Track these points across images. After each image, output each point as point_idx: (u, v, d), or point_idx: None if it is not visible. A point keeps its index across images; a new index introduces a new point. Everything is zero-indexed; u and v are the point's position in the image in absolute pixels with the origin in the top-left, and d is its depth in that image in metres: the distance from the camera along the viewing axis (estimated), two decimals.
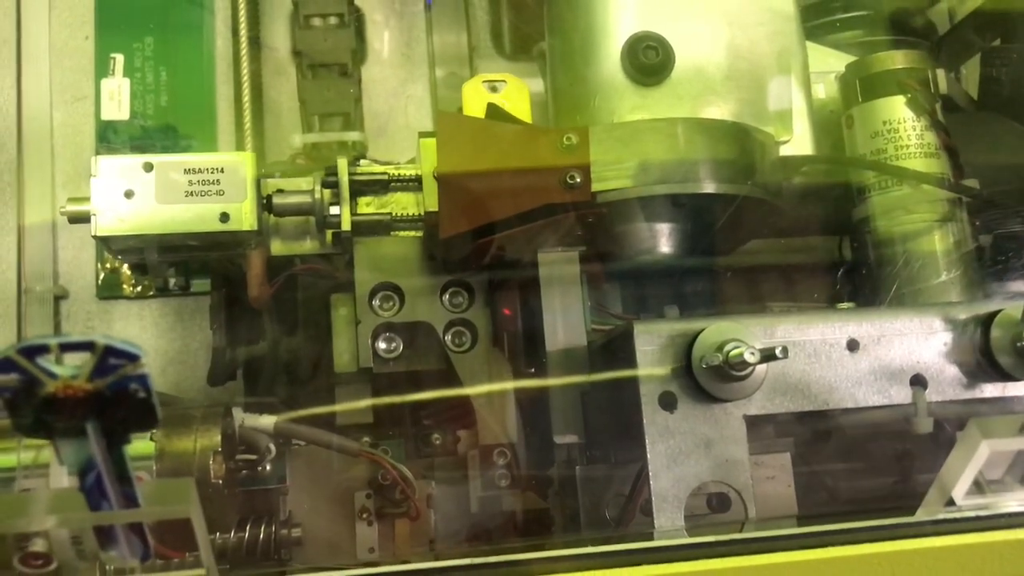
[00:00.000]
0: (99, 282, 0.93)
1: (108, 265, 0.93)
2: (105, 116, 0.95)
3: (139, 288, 0.93)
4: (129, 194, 0.70)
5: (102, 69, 0.96)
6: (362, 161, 0.76)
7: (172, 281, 0.93)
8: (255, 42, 0.95)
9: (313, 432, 0.71)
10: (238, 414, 0.68)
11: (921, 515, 0.53)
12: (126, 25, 0.98)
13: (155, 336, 0.91)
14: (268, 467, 0.70)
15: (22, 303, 0.90)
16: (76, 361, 0.37)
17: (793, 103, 0.76)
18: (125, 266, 0.93)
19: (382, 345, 0.73)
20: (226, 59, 0.97)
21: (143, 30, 0.98)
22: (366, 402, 0.77)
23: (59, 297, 0.92)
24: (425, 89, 1.01)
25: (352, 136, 0.92)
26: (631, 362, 0.60)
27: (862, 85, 0.77)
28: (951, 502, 0.51)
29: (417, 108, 1.01)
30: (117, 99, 0.96)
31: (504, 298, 0.76)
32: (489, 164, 0.69)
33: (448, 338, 0.74)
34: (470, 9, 0.99)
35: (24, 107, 0.95)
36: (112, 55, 0.97)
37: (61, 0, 0.98)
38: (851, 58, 0.81)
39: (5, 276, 0.91)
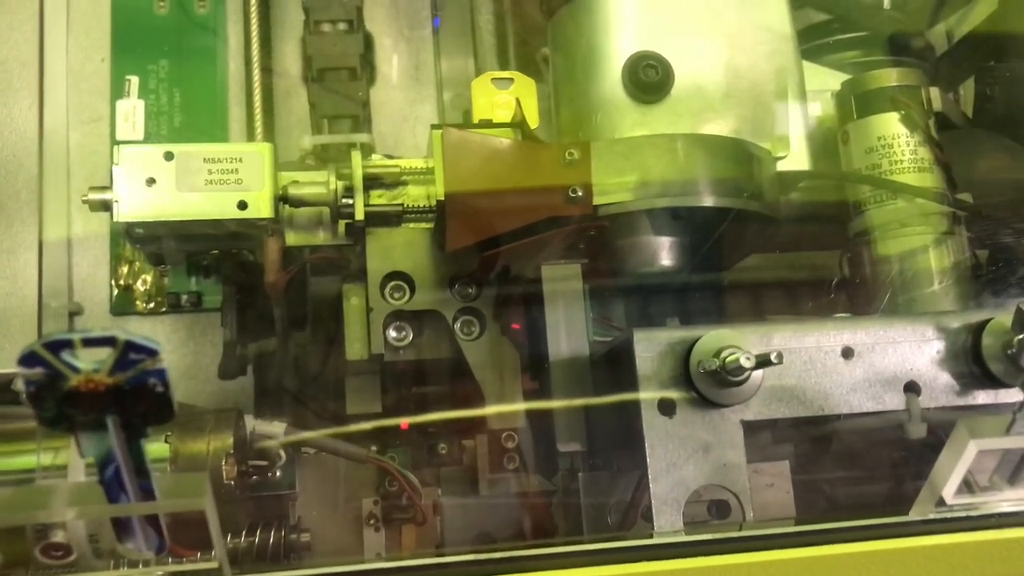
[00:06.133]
0: (113, 299, 0.95)
1: (122, 282, 0.95)
2: (120, 136, 0.97)
3: (152, 304, 0.95)
4: (150, 182, 0.71)
5: (117, 90, 0.98)
6: (374, 156, 0.78)
7: (184, 297, 0.95)
8: (267, 68, 0.97)
9: (322, 439, 0.73)
10: (249, 421, 0.70)
11: (914, 515, 0.54)
12: (141, 48, 1.00)
13: (167, 352, 0.91)
14: (278, 473, 0.72)
15: (43, 318, 0.92)
16: (98, 356, 0.39)
17: (790, 120, 0.78)
18: (138, 283, 0.95)
19: (393, 333, 0.74)
20: (238, 81, 0.99)
21: (158, 53, 1.00)
22: (384, 422, 0.79)
23: (74, 313, 0.94)
24: (433, 110, 1.03)
25: (361, 138, 0.94)
26: (631, 369, 0.62)
27: (857, 102, 0.78)
28: (942, 502, 0.53)
29: (425, 129, 1.02)
30: (132, 120, 0.98)
31: (511, 312, 0.77)
32: (493, 180, 0.71)
33: (457, 326, 0.75)
34: (476, 32, 1.01)
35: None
36: (127, 77, 0.99)
37: (78, 24, 1.00)
38: (847, 77, 0.82)
39: (22, 292, 0.93)
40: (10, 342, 0.92)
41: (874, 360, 0.63)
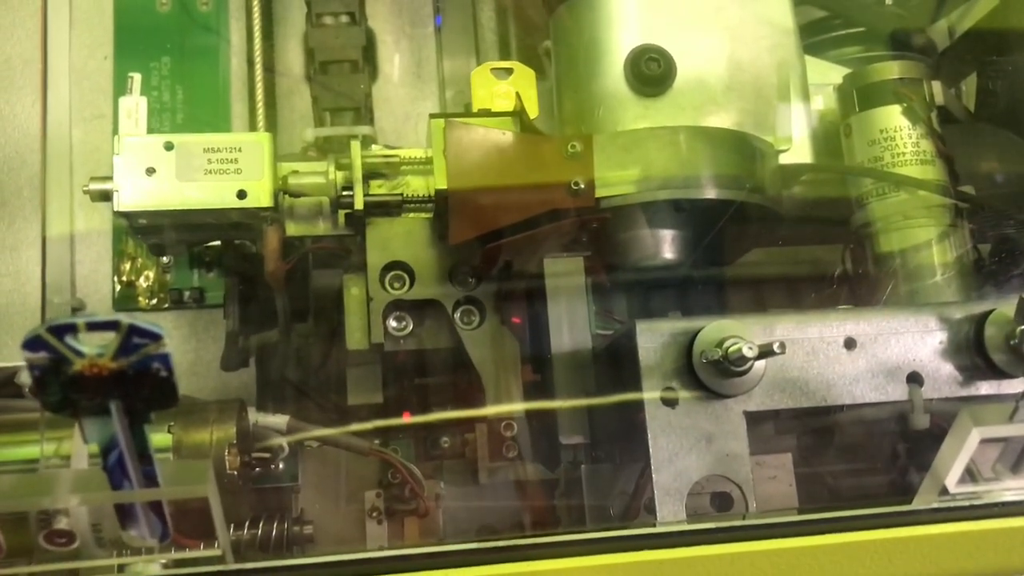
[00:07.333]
0: (115, 295, 0.95)
1: (124, 278, 0.95)
2: (122, 134, 0.97)
3: (154, 301, 0.95)
4: (150, 171, 0.72)
5: (120, 88, 0.98)
6: (374, 147, 0.78)
7: (187, 294, 0.95)
8: (269, 66, 0.97)
9: (325, 432, 0.73)
10: (252, 414, 0.70)
11: (917, 503, 0.54)
12: (144, 45, 1.00)
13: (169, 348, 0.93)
14: (281, 465, 0.72)
15: (45, 314, 0.92)
16: (102, 341, 0.39)
17: (792, 113, 0.78)
18: (141, 279, 0.95)
19: (393, 323, 0.74)
20: (241, 78, 0.99)
21: (160, 50, 1.00)
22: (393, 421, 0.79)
23: (76, 309, 0.94)
24: (435, 107, 1.03)
25: (363, 130, 0.94)
26: (634, 360, 0.62)
27: (859, 95, 0.78)
28: (945, 491, 0.53)
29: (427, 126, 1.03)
30: (134, 117, 0.97)
31: (513, 306, 0.77)
32: (495, 173, 0.71)
33: (457, 316, 0.75)
34: (478, 28, 1.01)
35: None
36: (130, 74, 0.98)
37: (81, 21, 1.00)
38: (849, 71, 0.82)
39: (25, 289, 0.93)
40: (13, 338, 0.92)
41: (877, 351, 0.63)
